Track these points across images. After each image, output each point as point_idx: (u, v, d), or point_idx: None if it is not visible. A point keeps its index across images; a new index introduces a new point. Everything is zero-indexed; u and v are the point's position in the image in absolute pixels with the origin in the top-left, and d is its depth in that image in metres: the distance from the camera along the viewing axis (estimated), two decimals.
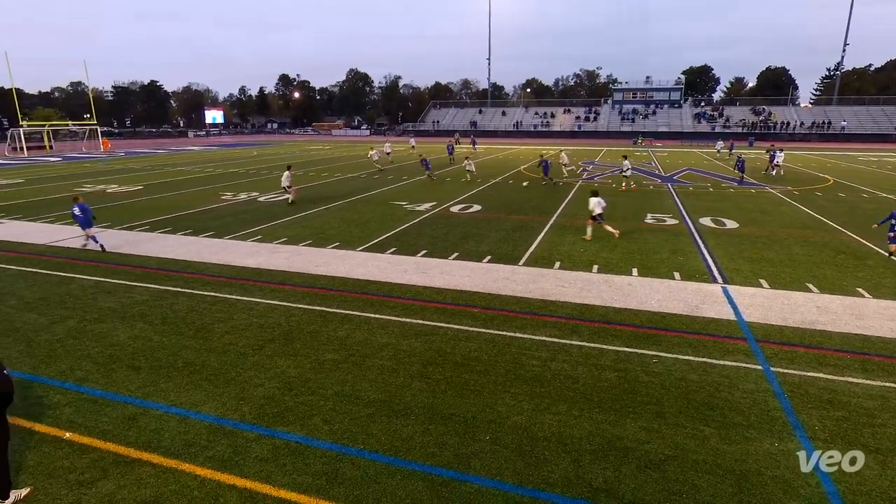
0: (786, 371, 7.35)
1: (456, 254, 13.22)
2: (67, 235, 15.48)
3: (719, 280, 11.23)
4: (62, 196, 23.42)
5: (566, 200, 21.65)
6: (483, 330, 8.65)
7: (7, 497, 5.05)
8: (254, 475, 5.29)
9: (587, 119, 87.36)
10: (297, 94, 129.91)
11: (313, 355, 7.78)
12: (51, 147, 58.52)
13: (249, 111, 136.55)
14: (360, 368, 7.40)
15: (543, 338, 8.36)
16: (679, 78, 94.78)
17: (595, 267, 12.12)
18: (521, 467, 5.42)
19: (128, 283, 11.12)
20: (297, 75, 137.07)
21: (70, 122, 68.61)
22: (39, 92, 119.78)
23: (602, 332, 8.62)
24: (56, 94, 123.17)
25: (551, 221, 17.35)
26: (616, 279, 11.25)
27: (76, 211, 13.83)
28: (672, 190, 25.20)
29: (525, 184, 27.03)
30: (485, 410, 6.41)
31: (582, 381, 7.07)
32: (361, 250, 13.63)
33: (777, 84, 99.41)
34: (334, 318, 9.16)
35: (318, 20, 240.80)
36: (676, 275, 11.56)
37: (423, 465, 5.44)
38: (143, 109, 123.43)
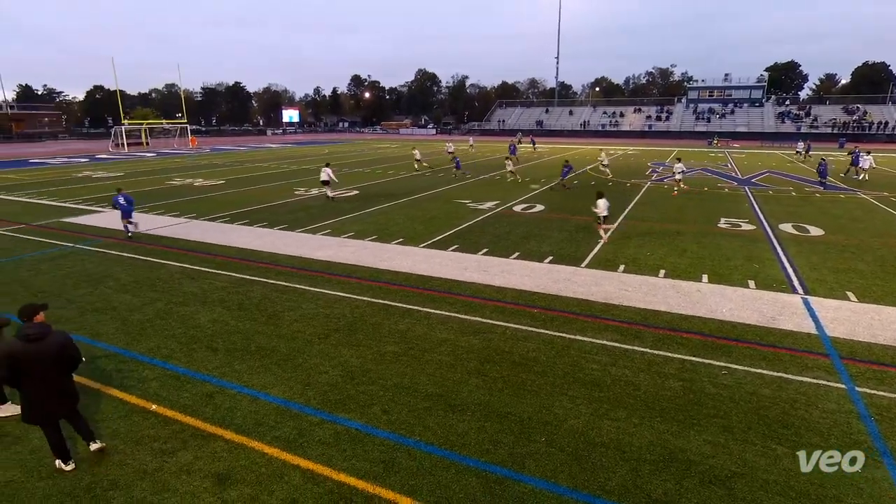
0: (874, 392, 6.73)
1: (517, 253, 13.11)
2: (159, 225, 16.76)
3: (799, 290, 10.44)
4: (155, 189, 25.38)
5: (633, 202, 20.89)
6: (542, 331, 8.53)
7: (94, 440, 5.59)
8: (316, 457, 5.51)
9: (659, 118, 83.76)
10: (367, 94, 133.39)
11: (375, 346, 7.99)
12: (147, 143, 63.50)
13: (323, 110, 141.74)
14: (419, 362, 7.51)
15: (604, 342, 8.13)
16: (762, 75, 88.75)
17: (662, 272, 11.62)
18: (576, 472, 5.31)
19: (209, 270, 11.88)
20: (368, 76, 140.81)
21: (164, 121, 74.18)
22: (139, 93, 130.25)
23: (667, 339, 8.26)
24: (153, 95, 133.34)
25: (616, 223, 16.81)
26: (684, 285, 10.73)
27: (121, 200, 15.06)
28: (749, 193, 23.68)
29: (592, 183, 26.34)
30: (541, 411, 6.33)
31: (644, 389, 6.82)
32: (424, 247, 13.81)
33: (875, 81, 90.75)
34: (396, 311, 9.36)
35: (391, 21, 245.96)
36: (751, 283, 10.87)
37: (478, 461, 5.45)
38: (228, 109, 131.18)
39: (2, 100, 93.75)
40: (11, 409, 6.35)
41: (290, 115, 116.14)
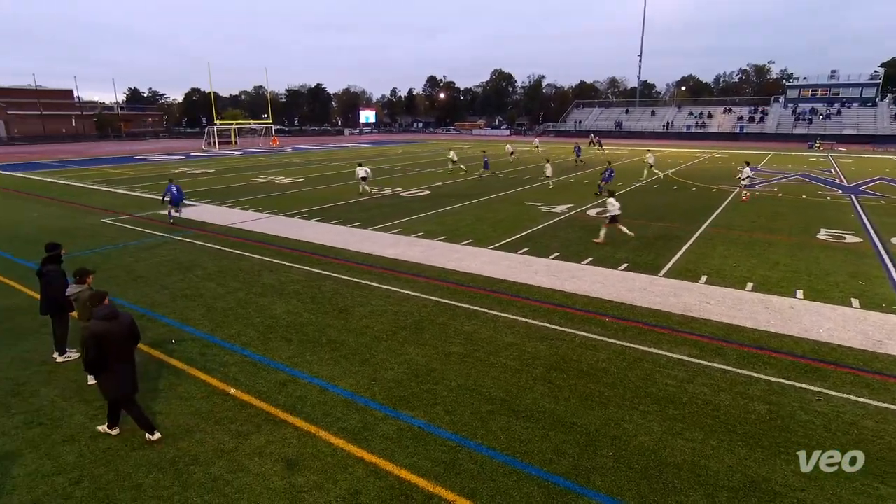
0: None
1: (590, 259, 12.74)
2: (244, 219, 17.88)
3: None
4: (241, 185, 27.09)
5: (719, 209, 19.65)
6: (613, 341, 8.22)
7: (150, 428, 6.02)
8: (379, 452, 5.64)
9: (752, 119, 78.21)
10: (442, 95, 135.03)
11: (440, 346, 8.05)
12: (236, 142, 67.99)
13: (398, 111, 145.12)
14: (484, 365, 7.49)
15: (682, 356, 7.71)
16: (875, 72, 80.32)
17: (749, 285, 10.84)
18: (645, 491, 5.07)
19: (286, 263, 12.51)
20: (444, 76, 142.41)
21: (252, 121, 79.06)
22: (230, 95, 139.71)
23: (752, 357, 7.69)
24: (242, 97, 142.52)
25: (700, 231, 15.88)
26: (775, 300, 9.95)
27: (174, 189, 16.86)
28: (856, 202, 21.54)
29: (674, 188, 25.09)
30: (609, 425, 6.10)
31: (724, 409, 6.39)
32: (493, 248, 13.76)
33: None
34: (462, 312, 9.38)
35: (469, 21, 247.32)
36: (855, 302, 9.88)
37: (541, 470, 5.34)
38: (309, 110, 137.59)
39: (115, 101, 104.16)
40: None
41: (367, 115, 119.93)
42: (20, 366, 7.55)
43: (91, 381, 7.00)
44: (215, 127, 63.41)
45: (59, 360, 7.67)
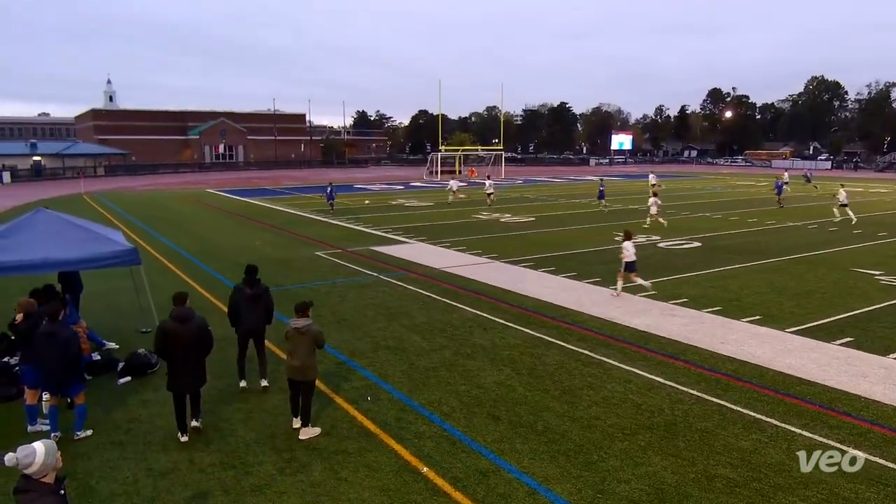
0: None
1: None
2: (459, 262, 19.34)
3: None
4: (460, 222, 29.50)
5: None
6: None
7: None
8: None
9: None
10: (728, 113, 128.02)
11: (701, 463, 7.38)
12: (460, 172, 74.59)
13: (664, 135, 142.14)
14: (769, 503, 6.58)
15: None
16: None
17: None
18: None
19: (503, 321, 13.03)
20: (733, 89, 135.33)
21: (479, 147, 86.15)
22: (459, 117, 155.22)
23: None
24: (472, 119, 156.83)
25: None
26: None
27: (328, 190, 23.97)
28: None
29: None
30: None
31: None
32: (794, 332, 12.25)
33: None
34: (738, 419, 8.49)
35: (770, 15, 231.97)
36: None
37: None
38: (548, 133, 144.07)
39: (342, 126, 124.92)
40: (312, 431, 8.14)
41: (621, 140, 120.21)
42: (224, 399, 9.27)
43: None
44: (439, 154, 70.68)
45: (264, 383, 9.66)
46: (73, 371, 7.86)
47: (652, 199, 28.19)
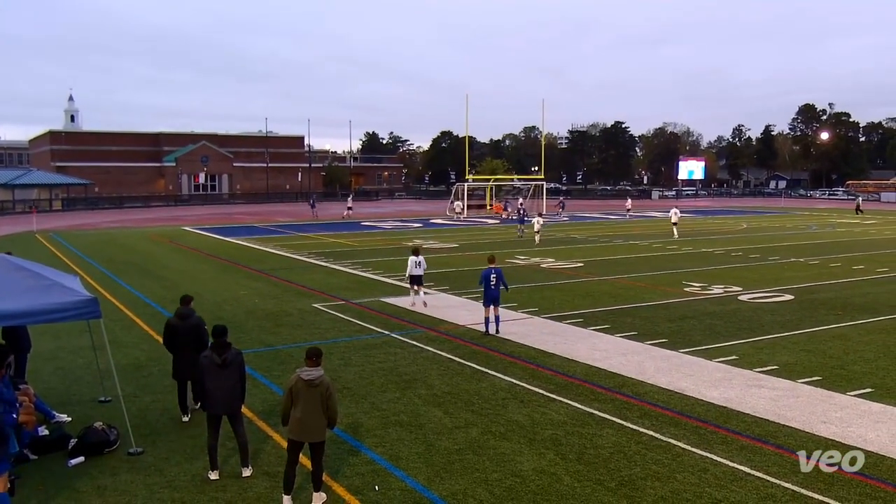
0: None
1: None
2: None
3: None
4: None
5: None
6: None
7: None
8: None
9: None
10: (824, 135, 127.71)
11: None
12: (491, 206, 75.04)
13: (744, 161, 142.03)
14: None
15: None
16: None
17: None
18: None
19: (545, 392, 12.88)
20: (829, 105, 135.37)
21: (515, 176, 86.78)
22: (490, 139, 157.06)
23: None
24: (507, 142, 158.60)
25: None
26: None
27: (312, 199, 26.85)
28: None
29: None
30: None
31: None
32: None
33: None
34: None
35: (882, 16, 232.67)
36: None
37: None
38: (600, 160, 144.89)
39: (347, 150, 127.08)
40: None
41: (690, 168, 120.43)
42: (196, 486, 9.22)
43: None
44: (465, 184, 71.06)
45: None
46: None
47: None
